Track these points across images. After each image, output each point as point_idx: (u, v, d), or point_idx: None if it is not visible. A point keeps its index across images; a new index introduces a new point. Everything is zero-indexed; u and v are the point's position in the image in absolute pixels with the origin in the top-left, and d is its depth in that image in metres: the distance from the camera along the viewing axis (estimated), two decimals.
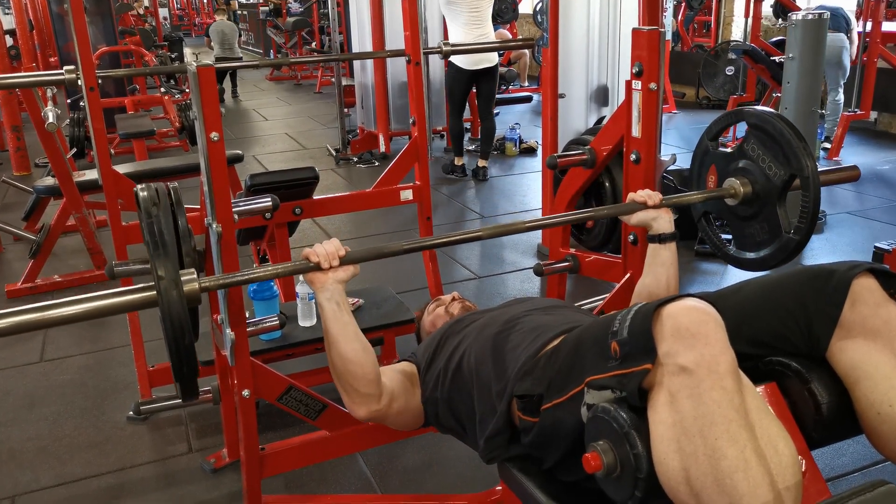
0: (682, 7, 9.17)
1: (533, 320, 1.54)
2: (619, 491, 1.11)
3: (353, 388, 1.51)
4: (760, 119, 1.70)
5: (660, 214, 1.72)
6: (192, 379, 1.29)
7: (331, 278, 1.46)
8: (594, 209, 1.72)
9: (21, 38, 6.18)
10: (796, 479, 1.05)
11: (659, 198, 1.72)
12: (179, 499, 2.20)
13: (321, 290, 1.47)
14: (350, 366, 1.49)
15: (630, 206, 1.73)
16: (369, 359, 1.50)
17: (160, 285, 1.21)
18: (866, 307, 1.23)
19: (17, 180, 5.68)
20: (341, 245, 1.49)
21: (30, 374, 2.97)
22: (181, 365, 1.25)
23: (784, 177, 1.67)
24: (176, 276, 1.22)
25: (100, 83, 2.44)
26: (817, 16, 4.16)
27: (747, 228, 1.80)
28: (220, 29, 10.63)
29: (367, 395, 1.52)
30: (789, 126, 1.65)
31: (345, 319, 1.49)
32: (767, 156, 1.70)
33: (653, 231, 1.73)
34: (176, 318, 1.21)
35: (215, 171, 1.54)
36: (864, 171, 5.73)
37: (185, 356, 1.24)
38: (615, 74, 4.31)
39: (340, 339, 1.48)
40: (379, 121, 6.39)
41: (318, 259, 1.45)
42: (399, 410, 1.59)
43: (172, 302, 1.21)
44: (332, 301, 1.47)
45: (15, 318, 1.19)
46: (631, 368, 1.09)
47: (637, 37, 1.87)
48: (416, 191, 2.87)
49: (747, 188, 1.75)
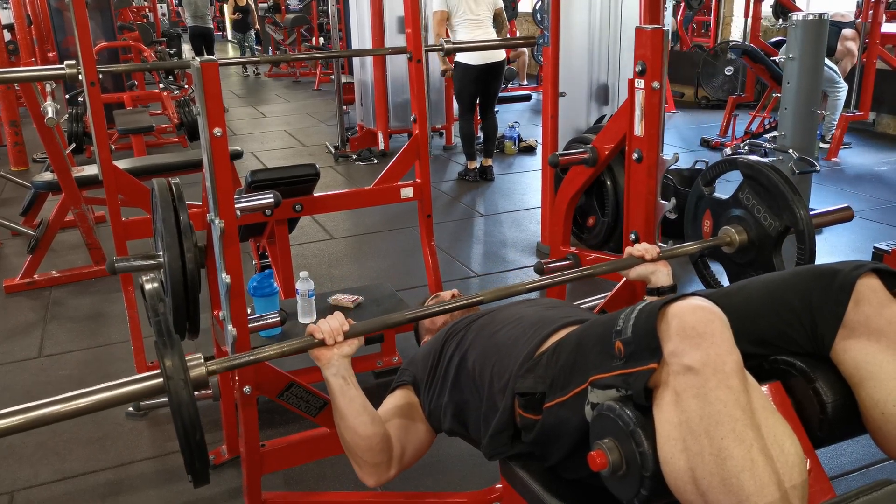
0: (681, 7, 9.18)
1: (532, 317, 1.54)
2: (624, 489, 1.10)
3: (363, 459, 1.53)
4: (754, 170, 1.74)
5: (658, 268, 1.73)
6: (204, 469, 1.29)
7: (336, 354, 1.47)
8: (592, 267, 1.74)
9: (19, 33, 6.17)
10: (802, 478, 1.05)
11: (657, 251, 1.73)
12: (178, 495, 2.19)
13: (327, 366, 1.47)
14: (358, 439, 1.50)
15: (628, 260, 1.74)
16: (378, 430, 1.52)
17: (169, 384, 1.22)
18: (870, 307, 1.23)
19: (15, 175, 5.67)
20: (345, 319, 1.49)
21: (28, 370, 2.97)
22: (193, 459, 1.26)
23: (779, 227, 1.70)
24: (185, 375, 1.23)
25: (100, 78, 2.43)
26: (817, 16, 4.16)
27: (743, 274, 1.82)
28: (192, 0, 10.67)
29: (376, 465, 1.54)
30: (782, 177, 1.69)
31: (352, 394, 1.49)
32: (762, 206, 1.74)
33: (651, 284, 1.75)
34: (186, 414, 1.21)
35: (218, 166, 1.54)
36: (862, 172, 5.76)
37: (196, 450, 1.24)
38: (616, 73, 4.31)
39: (348, 414, 1.49)
40: (378, 118, 6.38)
41: (323, 336, 1.45)
42: (411, 457, 1.61)
43: (182, 399, 1.21)
44: (338, 376, 1.48)
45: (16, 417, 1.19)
46: (636, 368, 1.08)
47: (640, 35, 1.87)
48: (416, 188, 2.87)
49: (743, 236, 1.79)
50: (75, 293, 3.73)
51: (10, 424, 1.18)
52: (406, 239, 4.32)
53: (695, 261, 1.97)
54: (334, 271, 3.91)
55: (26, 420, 1.19)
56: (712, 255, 1.92)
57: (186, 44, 13.45)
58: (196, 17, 11.14)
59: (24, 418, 1.19)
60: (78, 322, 3.41)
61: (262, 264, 3.35)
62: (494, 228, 4.61)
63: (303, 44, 13.06)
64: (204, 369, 1.30)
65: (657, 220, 1.97)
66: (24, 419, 1.19)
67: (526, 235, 4.41)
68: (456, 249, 4.21)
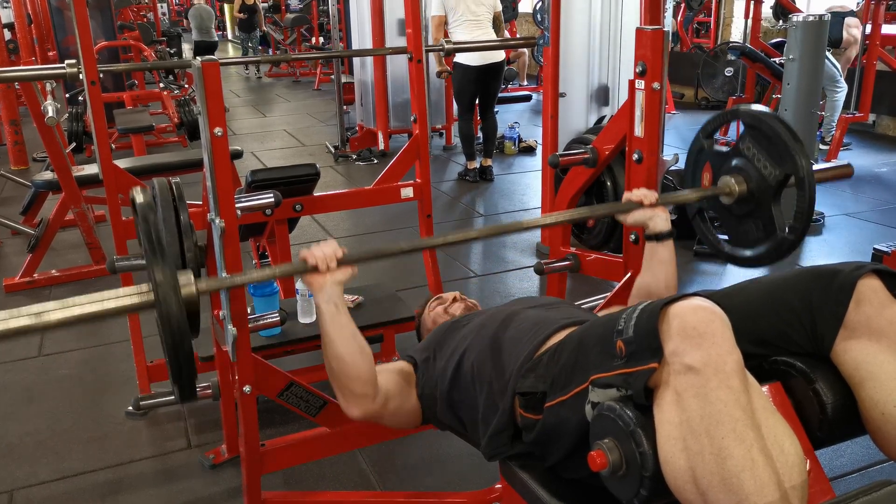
0: (681, 8, 9.18)
1: (533, 316, 1.54)
2: (624, 489, 1.10)
3: (349, 388, 1.50)
4: (756, 118, 1.70)
5: (656, 213, 1.72)
6: (190, 382, 1.27)
7: (328, 280, 1.45)
8: (591, 207, 1.72)
9: (19, 32, 6.17)
10: (802, 478, 1.05)
11: (655, 196, 1.72)
12: (178, 494, 2.20)
13: (319, 291, 1.46)
14: (346, 367, 1.48)
15: (627, 205, 1.73)
16: (366, 360, 1.50)
17: (158, 291, 1.20)
18: (871, 307, 1.23)
19: (15, 174, 5.67)
20: (339, 246, 1.48)
21: (28, 369, 2.97)
22: (179, 369, 1.24)
23: (779, 176, 1.66)
24: (174, 281, 1.20)
25: (100, 77, 2.43)
26: (817, 17, 4.17)
27: (742, 226, 1.79)
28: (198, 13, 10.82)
29: (362, 396, 1.51)
30: (785, 126, 1.65)
31: (342, 321, 1.48)
32: (762, 155, 1.69)
33: (650, 230, 1.74)
34: (174, 322, 1.19)
35: (219, 166, 1.54)
36: (862, 174, 5.76)
37: (183, 360, 1.23)
38: (616, 74, 4.31)
39: (337, 341, 1.47)
40: (378, 118, 6.38)
41: (316, 261, 1.44)
42: (394, 411, 1.59)
43: (171, 307, 1.19)
44: (329, 303, 1.46)
45: (6, 323, 1.17)
46: (637, 367, 1.08)
47: (641, 36, 1.87)
48: (416, 188, 2.87)
49: (742, 187, 1.75)
50: (75, 292, 3.66)
51: None
52: (406, 239, 4.31)
53: (693, 215, 1.95)
54: None
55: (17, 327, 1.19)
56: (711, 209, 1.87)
57: (187, 43, 13.46)
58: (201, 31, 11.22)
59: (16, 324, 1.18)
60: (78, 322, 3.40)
61: (262, 264, 3.35)
62: None
63: (303, 43, 13.07)
64: (194, 288, 1.28)
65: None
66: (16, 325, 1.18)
67: (525, 236, 4.41)
68: (455, 249, 4.21)
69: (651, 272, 1.75)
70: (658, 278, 1.73)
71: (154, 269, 1.20)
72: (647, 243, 1.75)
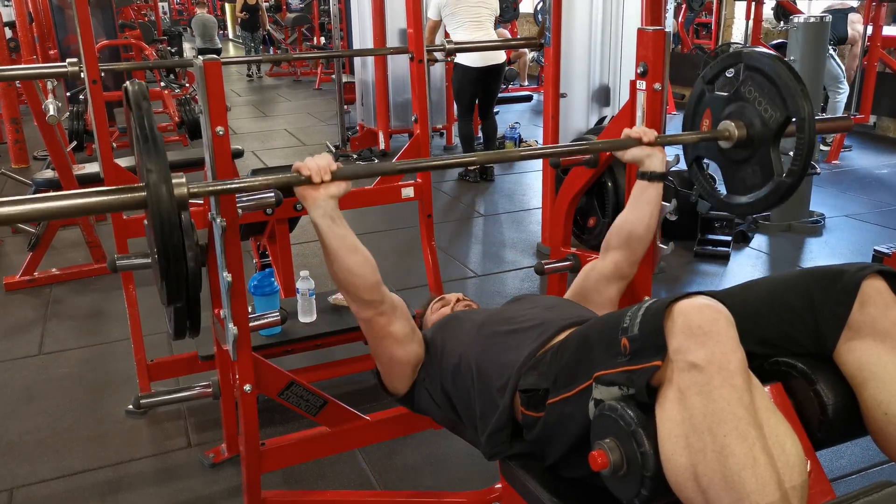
0: (682, 8, 9.18)
1: (535, 317, 1.54)
2: (625, 489, 1.10)
3: (358, 295, 1.51)
4: (759, 61, 1.68)
5: (654, 152, 1.74)
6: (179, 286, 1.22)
7: (322, 193, 1.44)
8: (589, 143, 1.71)
9: (20, 31, 6.16)
10: (803, 478, 1.05)
11: (654, 135, 1.73)
12: (178, 493, 2.20)
13: (313, 205, 1.44)
14: (351, 277, 1.48)
15: (625, 141, 1.74)
16: (370, 268, 1.50)
17: (149, 179, 1.15)
18: (875, 308, 1.23)
19: (16, 172, 5.67)
20: (333, 160, 1.46)
21: (28, 367, 2.97)
22: (169, 265, 1.19)
23: (780, 119, 1.66)
24: (167, 174, 1.16)
25: (101, 76, 2.43)
26: (818, 19, 4.17)
27: (740, 172, 1.79)
28: (202, 21, 10.99)
29: (370, 301, 1.52)
30: (788, 68, 1.64)
31: (341, 233, 1.46)
32: (764, 98, 1.68)
33: (644, 168, 1.75)
34: (166, 218, 1.16)
35: (220, 165, 1.54)
36: (863, 175, 5.75)
37: (173, 259, 1.18)
38: (617, 74, 4.31)
39: (339, 252, 1.46)
40: (379, 118, 6.38)
41: (310, 173, 1.42)
42: (398, 333, 1.58)
43: (163, 201, 1.15)
44: (325, 217, 1.44)
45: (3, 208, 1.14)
46: (640, 364, 1.08)
47: (642, 37, 1.87)
48: (417, 188, 2.87)
49: (742, 131, 1.74)
50: (76, 291, 3.73)
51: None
52: (406, 239, 4.32)
53: (690, 162, 1.94)
54: None
55: None
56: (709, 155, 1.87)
57: (188, 42, 13.47)
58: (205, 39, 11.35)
59: None
60: (78, 320, 3.41)
61: (262, 263, 3.35)
62: (494, 229, 4.61)
63: (304, 43, 13.07)
64: (185, 189, 1.26)
65: (658, 221, 1.96)
66: None
67: (526, 236, 4.41)
68: (456, 249, 4.22)
69: (636, 211, 1.77)
70: (642, 217, 1.75)
71: (147, 160, 1.17)
72: (638, 182, 1.77)
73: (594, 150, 1.73)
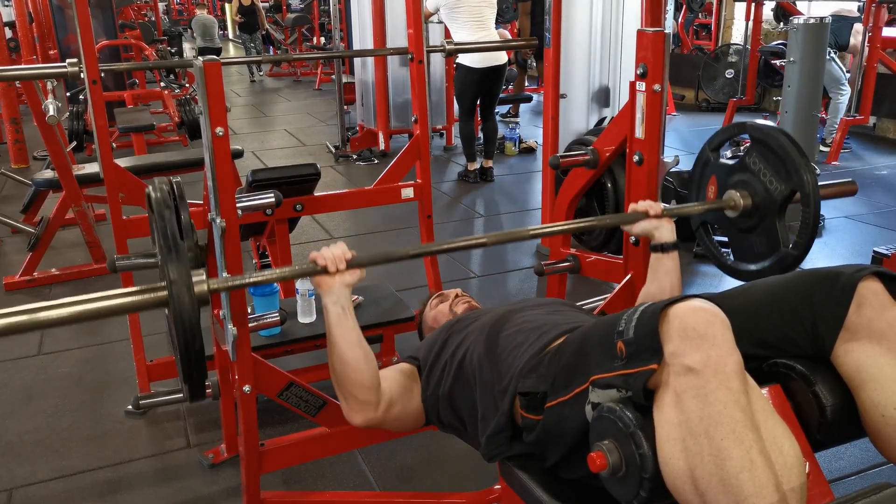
0: (682, 9, 9.19)
1: (536, 319, 1.55)
2: (623, 490, 1.11)
3: (352, 394, 1.51)
4: (763, 133, 1.72)
5: (662, 224, 1.73)
6: (201, 381, 1.28)
7: (337, 282, 1.46)
8: (597, 218, 1.73)
9: (20, 31, 6.17)
10: (801, 480, 1.05)
11: (660, 208, 1.73)
12: (177, 493, 2.20)
13: (327, 293, 1.47)
14: (350, 371, 1.49)
15: (632, 215, 1.74)
16: (370, 366, 1.51)
17: (172, 289, 1.20)
18: (872, 310, 1.23)
19: (16, 172, 5.67)
20: (348, 249, 1.48)
21: (28, 368, 2.97)
22: (191, 368, 1.24)
23: (784, 191, 1.69)
24: (188, 280, 1.20)
25: (101, 76, 2.43)
26: (818, 20, 4.17)
27: (746, 240, 1.81)
28: (202, 22, 11.13)
29: (364, 402, 1.52)
30: (791, 141, 1.67)
31: (349, 324, 1.48)
32: (769, 170, 1.71)
33: (655, 240, 1.74)
34: (188, 321, 1.20)
35: (220, 165, 1.54)
36: (862, 176, 5.76)
37: (195, 359, 1.23)
38: (616, 75, 4.31)
39: (342, 344, 1.48)
40: (379, 118, 6.38)
41: (325, 262, 1.45)
42: (397, 415, 1.59)
43: (184, 306, 1.19)
44: (337, 305, 1.47)
45: (14, 318, 1.16)
46: (637, 368, 1.09)
47: (642, 38, 1.87)
48: (417, 189, 2.87)
49: (747, 201, 1.76)
50: (75, 291, 3.69)
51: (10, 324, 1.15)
52: (406, 239, 4.32)
53: (697, 227, 1.96)
54: None
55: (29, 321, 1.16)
56: (715, 222, 1.89)
57: (188, 42, 13.48)
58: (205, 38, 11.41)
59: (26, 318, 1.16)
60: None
61: (262, 263, 3.35)
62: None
63: (304, 43, 13.07)
64: (206, 286, 1.29)
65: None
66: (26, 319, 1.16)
67: None
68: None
69: (657, 282, 1.76)
70: (664, 288, 1.74)
71: (169, 266, 1.21)
72: (653, 254, 1.76)
73: (602, 225, 1.75)
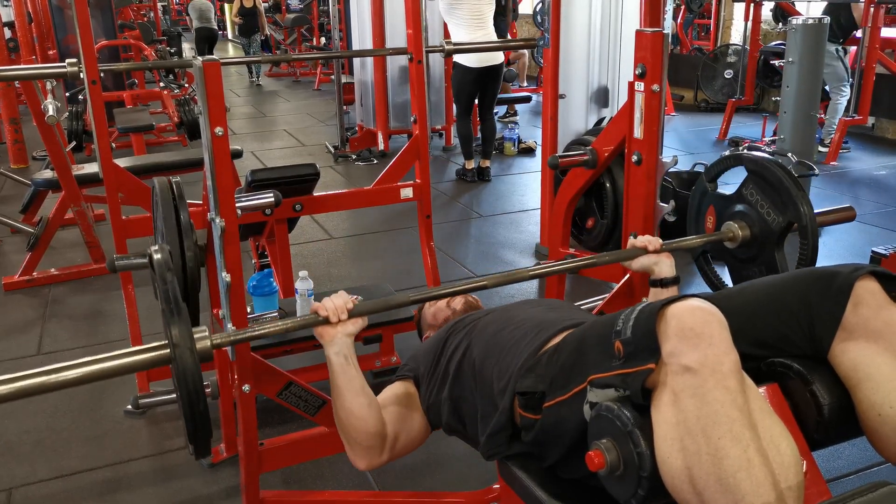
0: (681, 10, 9.19)
1: (535, 318, 1.55)
2: (622, 489, 1.11)
3: (356, 441, 1.52)
4: (759, 165, 1.74)
5: (661, 259, 1.74)
6: (206, 440, 1.29)
7: (339, 332, 1.47)
8: (596, 256, 1.75)
9: (20, 31, 6.17)
10: (798, 479, 1.05)
11: (659, 243, 1.74)
12: (176, 493, 2.20)
13: (330, 343, 1.48)
14: (353, 420, 1.50)
15: (631, 252, 1.75)
16: (373, 413, 1.52)
17: (175, 351, 1.22)
18: (868, 309, 1.24)
19: (15, 173, 5.67)
20: (349, 298, 1.50)
21: (27, 367, 2.94)
22: (196, 428, 1.25)
23: (782, 223, 1.70)
24: (191, 342, 1.22)
25: (101, 76, 2.44)
26: (817, 21, 4.18)
27: (745, 270, 1.83)
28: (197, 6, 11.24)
29: (368, 448, 1.53)
30: (787, 173, 1.69)
31: (351, 373, 1.49)
32: (766, 201, 1.73)
33: (655, 276, 1.75)
34: (192, 383, 1.21)
35: (219, 165, 1.54)
36: (861, 176, 5.76)
37: (199, 419, 1.24)
38: (615, 76, 4.32)
39: (346, 393, 1.49)
40: (378, 119, 6.39)
41: (327, 313, 1.46)
42: (404, 445, 1.60)
43: (187, 366, 1.21)
44: (339, 355, 1.48)
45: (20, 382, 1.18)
46: (634, 368, 1.09)
47: (640, 38, 1.88)
48: (416, 189, 2.87)
49: (745, 232, 1.78)
50: (74, 291, 3.73)
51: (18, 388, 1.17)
52: (405, 239, 4.32)
53: (696, 257, 1.97)
54: (333, 271, 3.91)
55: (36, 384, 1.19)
56: (715, 252, 1.92)
57: (187, 42, 13.47)
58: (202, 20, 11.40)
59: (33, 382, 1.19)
60: (77, 320, 3.41)
61: (261, 263, 3.35)
62: (493, 229, 4.62)
63: (303, 43, 13.07)
64: (208, 342, 1.31)
65: (656, 222, 1.98)
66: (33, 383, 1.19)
67: (524, 237, 4.41)
68: (454, 250, 4.22)
69: None
70: None
71: (171, 327, 1.23)
72: (652, 289, 1.77)
73: (601, 261, 1.76)
